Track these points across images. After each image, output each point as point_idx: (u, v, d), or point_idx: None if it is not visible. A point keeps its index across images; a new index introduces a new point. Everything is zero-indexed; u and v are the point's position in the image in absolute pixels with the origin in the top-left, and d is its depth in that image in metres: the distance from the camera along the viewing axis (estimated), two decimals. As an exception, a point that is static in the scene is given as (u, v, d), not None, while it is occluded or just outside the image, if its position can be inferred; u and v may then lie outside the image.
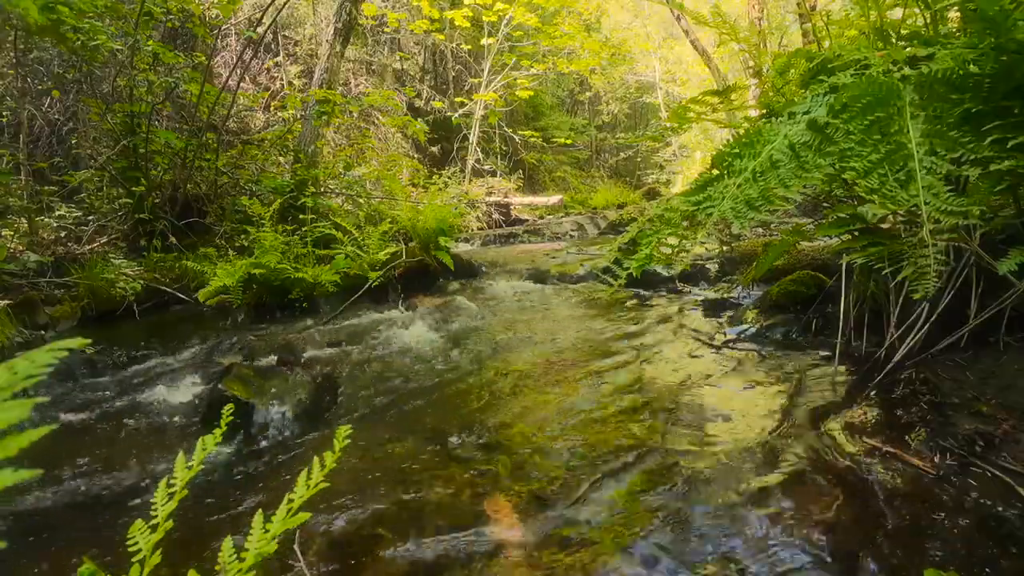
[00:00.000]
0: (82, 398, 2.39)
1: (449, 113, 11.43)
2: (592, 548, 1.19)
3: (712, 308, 3.16)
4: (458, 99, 11.51)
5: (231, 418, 0.90)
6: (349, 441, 0.80)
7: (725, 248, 4.14)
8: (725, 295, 3.37)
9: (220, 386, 2.08)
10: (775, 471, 1.41)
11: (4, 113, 5.31)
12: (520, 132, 12.90)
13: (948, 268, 1.75)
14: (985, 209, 1.57)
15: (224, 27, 7.17)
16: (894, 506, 1.22)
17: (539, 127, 14.32)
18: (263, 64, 9.25)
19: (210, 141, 5.13)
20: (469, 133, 11.24)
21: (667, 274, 3.99)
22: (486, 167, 12.19)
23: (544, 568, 1.15)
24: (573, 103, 17.81)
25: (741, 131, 1.42)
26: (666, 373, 2.22)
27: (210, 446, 0.83)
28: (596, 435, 1.72)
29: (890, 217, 1.84)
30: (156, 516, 0.75)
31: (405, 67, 11.95)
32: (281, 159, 6.38)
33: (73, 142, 5.58)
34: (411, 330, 3.18)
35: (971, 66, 1.32)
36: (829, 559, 1.09)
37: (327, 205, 5.33)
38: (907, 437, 1.47)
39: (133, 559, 0.72)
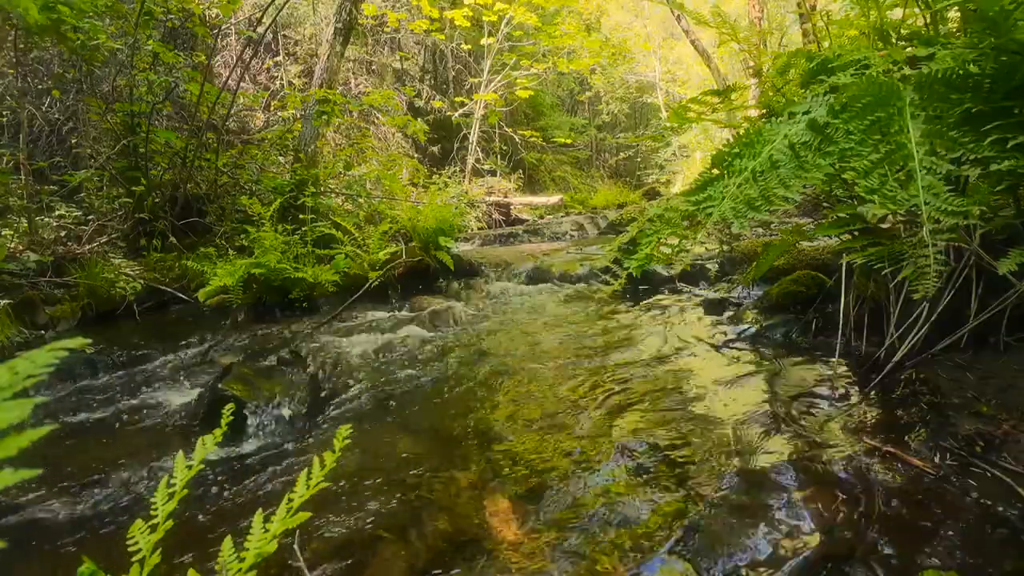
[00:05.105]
0: (82, 398, 2.39)
1: (449, 113, 11.44)
2: (593, 548, 1.19)
3: (712, 308, 3.16)
4: (458, 99, 11.50)
5: (231, 418, 0.91)
6: (349, 441, 0.80)
7: (725, 248, 4.14)
8: (725, 295, 3.37)
9: (220, 386, 2.08)
10: (775, 471, 1.41)
11: (4, 113, 5.31)
12: (520, 132, 12.89)
13: (948, 268, 1.75)
14: (985, 209, 1.57)
15: (224, 27, 7.17)
16: (894, 506, 1.22)
17: (539, 127, 14.31)
18: (263, 64, 9.25)
19: (210, 141, 5.13)
20: (469, 133, 11.24)
21: (667, 274, 3.99)
22: (486, 167, 12.19)
23: (544, 568, 1.15)
24: (573, 103, 17.80)
25: (741, 131, 1.42)
26: (666, 373, 2.22)
27: (210, 446, 0.83)
28: (597, 436, 1.72)
29: (890, 217, 1.84)
30: (156, 516, 0.75)
31: (405, 67, 11.95)
32: (281, 159, 6.38)
33: (73, 142, 5.59)
34: (411, 330, 3.18)
35: (971, 66, 1.32)
36: (829, 559, 1.09)
37: (327, 205, 5.33)
38: (907, 437, 1.47)
39: (133, 559, 0.72)
